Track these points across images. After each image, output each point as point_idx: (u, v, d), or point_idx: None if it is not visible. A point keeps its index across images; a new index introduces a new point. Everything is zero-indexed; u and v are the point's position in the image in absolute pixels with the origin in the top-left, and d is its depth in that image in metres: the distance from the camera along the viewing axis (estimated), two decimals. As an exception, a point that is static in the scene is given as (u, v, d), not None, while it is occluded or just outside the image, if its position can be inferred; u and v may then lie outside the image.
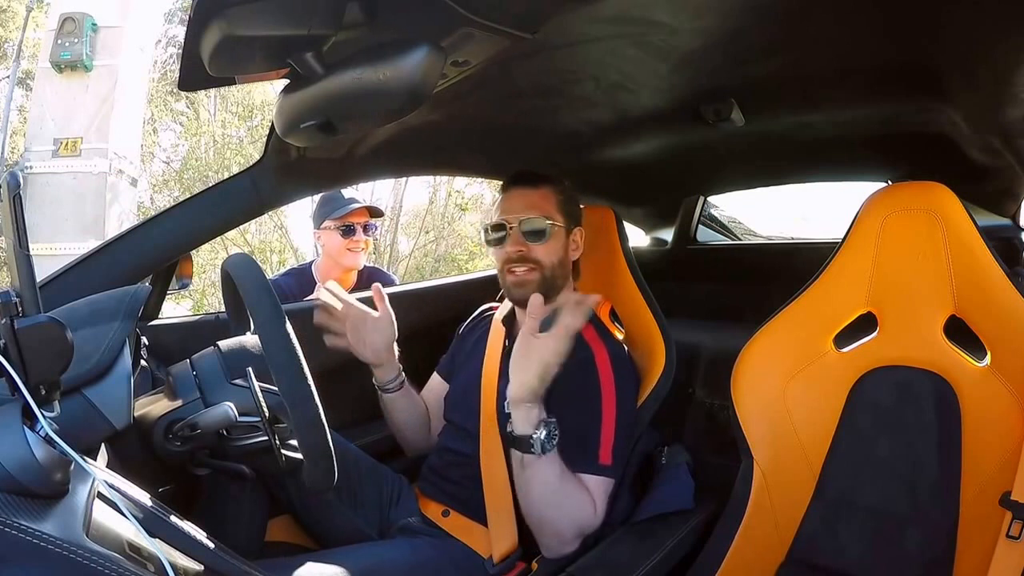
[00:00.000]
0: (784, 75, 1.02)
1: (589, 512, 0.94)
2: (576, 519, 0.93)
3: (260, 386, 0.76)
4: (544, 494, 0.92)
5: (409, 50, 0.62)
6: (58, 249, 3.65)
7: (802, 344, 1.01)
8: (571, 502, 0.93)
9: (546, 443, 0.90)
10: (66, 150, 3.88)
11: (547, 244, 1.07)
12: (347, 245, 1.74)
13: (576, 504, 0.93)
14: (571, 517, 0.93)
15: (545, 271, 1.07)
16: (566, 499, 0.93)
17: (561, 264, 1.09)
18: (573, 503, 0.93)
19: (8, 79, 5.87)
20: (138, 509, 0.57)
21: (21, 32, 5.92)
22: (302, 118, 0.71)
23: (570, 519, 0.93)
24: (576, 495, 0.93)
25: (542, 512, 0.93)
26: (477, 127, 1.17)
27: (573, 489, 0.93)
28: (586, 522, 0.94)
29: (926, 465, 0.91)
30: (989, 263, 0.88)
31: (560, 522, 0.93)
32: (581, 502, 0.94)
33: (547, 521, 0.94)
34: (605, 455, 0.97)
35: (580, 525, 0.94)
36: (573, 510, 0.93)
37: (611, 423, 0.98)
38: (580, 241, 1.13)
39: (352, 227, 1.73)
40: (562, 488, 0.92)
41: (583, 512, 0.94)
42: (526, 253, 1.07)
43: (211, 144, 6.93)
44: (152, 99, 6.96)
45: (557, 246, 1.08)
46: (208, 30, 0.59)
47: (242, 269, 0.74)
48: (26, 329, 0.51)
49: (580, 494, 0.94)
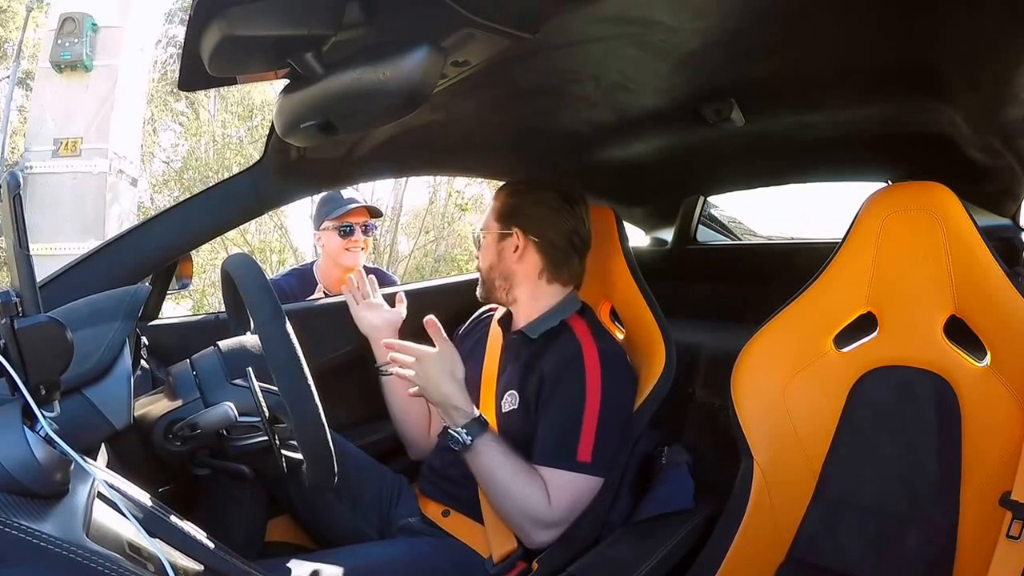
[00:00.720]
0: (784, 75, 1.01)
1: (538, 505, 0.95)
2: (523, 512, 0.96)
3: (260, 386, 0.76)
4: (483, 485, 0.99)
5: (409, 50, 0.62)
6: (58, 249, 3.65)
7: (802, 344, 1.01)
8: (515, 495, 0.96)
9: (454, 442, 0.97)
10: (66, 150, 3.88)
11: (482, 251, 1.16)
12: (345, 245, 1.74)
13: (521, 497, 0.95)
14: (518, 509, 0.96)
15: (482, 274, 1.16)
16: (510, 492, 0.96)
17: (493, 268, 1.14)
18: (517, 496, 0.96)
19: (8, 79, 5.87)
20: (138, 509, 0.57)
21: (21, 32, 5.92)
22: (302, 118, 0.71)
23: (517, 511, 0.96)
24: (522, 488, 0.96)
25: (491, 503, 0.99)
26: (477, 127, 1.17)
27: (519, 483, 0.96)
28: (537, 515, 0.96)
29: (926, 465, 0.91)
30: (989, 263, 0.88)
31: (508, 514, 0.97)
32: (527, 495, 0.95)
33: (498, 512, 0.99)
34: (584, 452, 0.97)
35: (529, 517, 0.96)
36: (518, 503, 0.96)
37: (593, 420, 0.98)
38: (521, 243, 1.10)
39: (350, 227, 1.73)
40: (502, 482, 0.96)
41: (530, 505, 0.95)
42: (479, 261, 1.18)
43: (211, 144, 6.93)
44: (152, 99, 6.97)
45: (488, 252, 1.15)
46: (208, 30, 0.59)
47: (242, 269, 0.74)
48: (26, 329, 0.51)
49: (527, 488, 0.96)
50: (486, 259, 1.15)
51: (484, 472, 0.97)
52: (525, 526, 0.96)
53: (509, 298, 1.14)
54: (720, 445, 1.14)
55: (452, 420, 0.98)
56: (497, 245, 1.13)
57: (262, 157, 1.04)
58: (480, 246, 1.17)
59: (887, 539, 0.92)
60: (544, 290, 1.12)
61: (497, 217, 1.14)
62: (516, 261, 1.12)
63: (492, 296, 1.16)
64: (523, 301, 1.13)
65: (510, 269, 1.13)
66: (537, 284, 1.12)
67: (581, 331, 1.06)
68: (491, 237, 1.14)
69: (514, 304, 1.15)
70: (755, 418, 1.01)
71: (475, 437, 0.96)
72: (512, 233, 1.11)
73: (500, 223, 1.13)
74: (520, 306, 1.14)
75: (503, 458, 0.97)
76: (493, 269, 1.14)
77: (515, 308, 1.15)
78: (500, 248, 1.13)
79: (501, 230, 1.13)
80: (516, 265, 1.12)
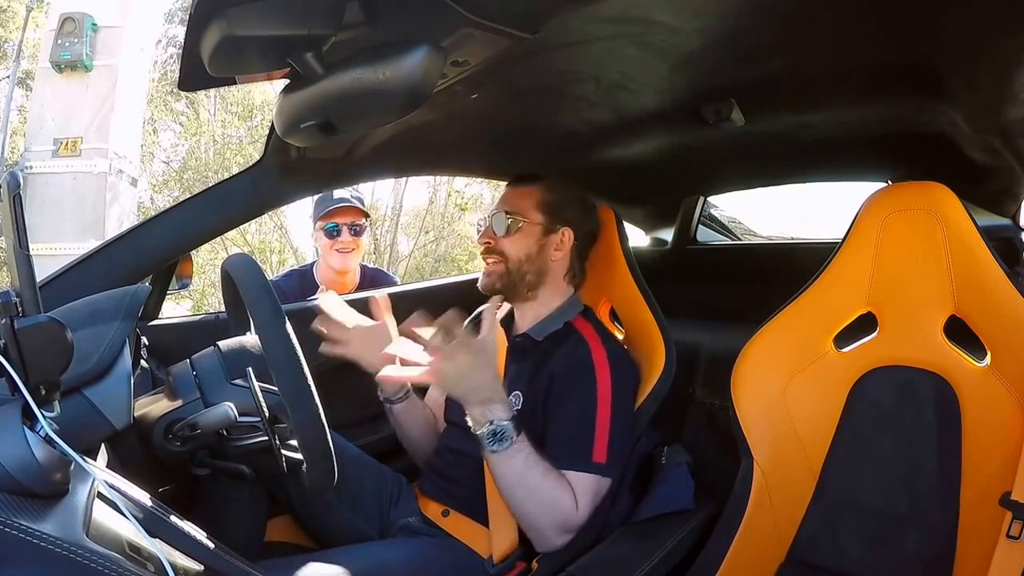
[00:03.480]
0: (784, 75, 1.01)
1: (567, 509, 0.92)
2: (551, 516, 0.92)
3: (260, 386, 0.76)
4: (510, 488, 0.92)
5: (409, 50, 0.62)
6: (58, 249, 3.65)
7: (802, 344, 1.01)
8: (544, 498, 0.92)
9: (493, 441, 0.90)
10: (66, 150, 3.88)
11: (513, 238, 1.08)
12: (332, 246, 1.72)
13: (550, 501, 0.92)
14: (545, 514, 0.92)
15: (510, 264, 1.08)
16: (539, 495, 0.92)
17: (530, 260, 1.08)
18: (547, 499, 0.92)
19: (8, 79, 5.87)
20: (138, 509, 0.58)
21: (21, 32, 5.93)
22: (302, 118, 0.71)
23: (545, 516, 0.92)
24: (551, 491, 0.92)
25: (516, 507, 0.94)
26: (477, 127, 1.17)
27: (549, 485, 0.92)
28: (565, 520, 0.93)
29: (926, 465, 0.91)
30: (989, 263, 0.88)
31: (535, 517, 0.93)
32: (556, 499, 0.92)
33: (522, 516, 0.94)
34: (599, 453, 0.96)
35: (557, 522, 0.92)
36: (547, 507, 0.92)
37: (606, 421, 0.97)
38: (566, 242, 1.11)
39: (336, 227, 1.71)
40: (533, 484, 0.92)
41: (559, 509, 0.92)
42: (492, 245, 1.10)
43: (211, 144, 6.93)
44: (152, 99, 6.96)
45: (526, 242, 1.08)
46: (208, 30, 0.59)
47: (242, 269, 0.74)
48: (26, 329, 0.51)
49: (556, 491, 0.93)
50: (520, 249, 1.08)
51: (515, 473, 0.91)
52: (548, 530, 0.93)
53: (530, 294, 1.11)
54: (720, 445, 1.14)
55: (491, 415, 0.91)
56: (541, 238, 1.09)
57: (262, 157, 1.04)
58: (507, 232, 1.08)
59: (887, 539, 0.92)
60: (561, 290, 1.12)
61: (544, 210, 1.10)
62: (554, 258, 1.10)
63: (513, 290, 1.10)
64: (540, 300, 1.11)
65: (547, 265, 1.10)
66: (559, 284, 1.12)
67: (589, 333, 1.06)
68: (533, 228, 1.09)
69: (530, 302, 1.12)
70: (755, 418, 1.01)
71: (516, 435, 0.91)
72: (559, 230, 1.10)
73: (547, 216, 1.10)
74: (533, 305, 1.12)
75: (536, 458, 0.92)
76: (529, 262, 1.09)
77: (526, 307, 1.13)
78: (544, 242, 1.09)
79: (548, 224, 1.10)
80: (553, 262, 1.10)
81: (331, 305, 1.12)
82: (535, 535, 0.94)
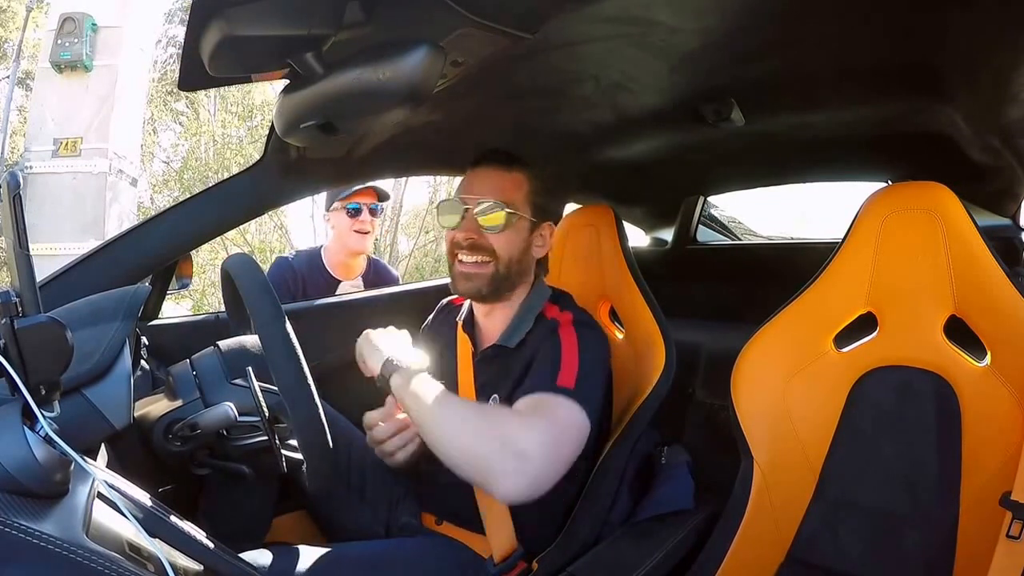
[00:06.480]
0: (784, 75, 1.01)
1: (506, 424, 0.79)
2: (489, 434, 0.77)
3: (260, 386, 0.76)
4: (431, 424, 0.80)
5: (409, 50, 0.62)
6: (58, 249, 3.65)
7: (802, 344, 1.01)
8: (479, 426, 0.78)
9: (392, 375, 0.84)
10: (66, 150, 3.88)
11: (505, 234, 0.94)
12: (353, 226, 1.78)
13: (486, 428, 0.78)
14: (482, 432, 0.77)
15: (500, 265, 0.95)
16: (470, 424, 0.78)
17: (519, 260, 0.97)
18: (481, 426, 0.78)
19: (8, 79, 5.87)
20: (138, 509, 0.58)
21: (21, 32, 5.93)
22: (302, 118, 0.71)
23: (481, 434, 0.77)
24: (488, 416, 0.82)
25: (446, 447, 0.78)
26: (477, 127, 1.17)
27: (482, 411, 0.84)
28: (506, 435, 0.77)
29: (926, 465, 0.91)
30: (989, 263, 0.88)
31: (472, 444, 0.77)
32: (495, 415, 0.82)
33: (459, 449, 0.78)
34: (565, 378, 0.85)
35: (498, 438, 0.76)
36: (483, 423, 0.79)
37: (573, 357, 0.88)
38: (548, 237, 1.02)
39: (358, 206, 1.78)
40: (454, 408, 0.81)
41: (497, 423, 0.79)
42: (478, 241, 0.95)
43: (211, 144, 6.93)
44: (152, 99, 6.97)
45: (517, 239, 0.96)
46: (208, 30, 0.59)
47: (242, 269, 0.74)
48: (26, 329, 0.51)
49: (495, 411, 0.85)
50: (513, 247, 0.96)
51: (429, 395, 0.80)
52: (493, 458, 0.76)
53: (506, 295, 1.00)
54: (720, 445, 1.14)
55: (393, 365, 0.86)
56: (528, 235, 0.98)
57: (262, 157, 1.04)
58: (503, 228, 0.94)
59: (887, 539, 0.92)
60: (528, 282, 1.02)
61: (533, 202, 0.97)
62: (536, 255, 1.01)
63: (495, 295, 0.98)
64: (511, 302, 1.01)
65: (530, 263, 1.00)
66: (530, 278, 1.02)
67: (554, 313, 0.99)
68: (523, 223, 0.96)
69: (504, 302, 1.01)
70: (755, 418, 1.01)
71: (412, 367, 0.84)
72: (543, 224, 1.00)
73: (535, 209, 0.98)
74: (504, 308, 1.02)
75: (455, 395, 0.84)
76: (518, 263, 0.97)
77: (496, 309, 1.02)
78: (530, 240, 0.98)
79: (536, 217, 0.98)
80: (533, 259, 1.00)
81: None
82: (481, 474, 0.77)
